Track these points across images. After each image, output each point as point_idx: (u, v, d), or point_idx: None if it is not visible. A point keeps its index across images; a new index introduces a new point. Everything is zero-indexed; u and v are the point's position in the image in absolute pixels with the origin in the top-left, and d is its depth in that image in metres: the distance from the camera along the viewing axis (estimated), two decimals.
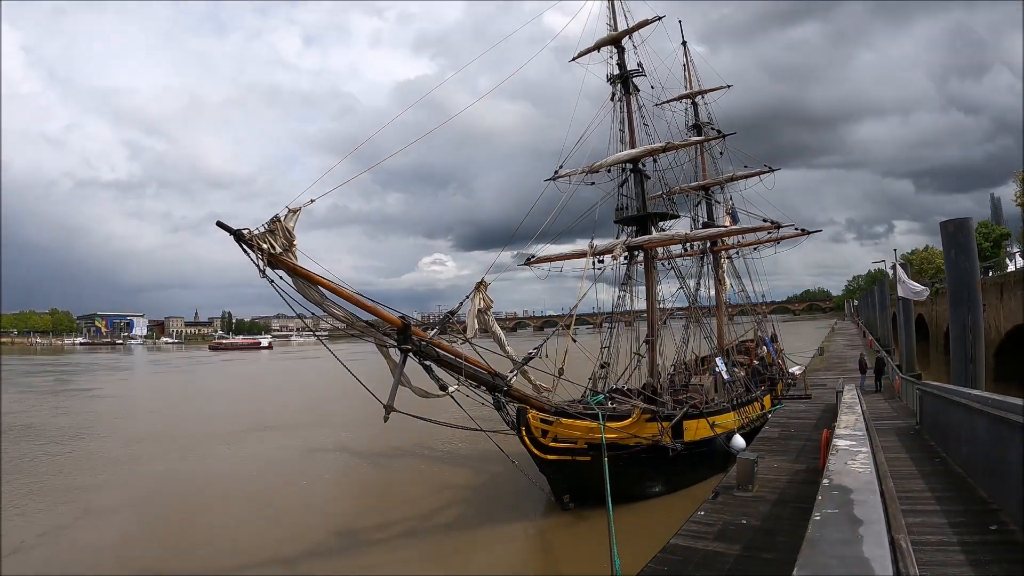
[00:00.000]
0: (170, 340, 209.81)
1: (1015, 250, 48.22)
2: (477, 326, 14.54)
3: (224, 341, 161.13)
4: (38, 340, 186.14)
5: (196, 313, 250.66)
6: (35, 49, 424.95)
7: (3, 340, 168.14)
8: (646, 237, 20.31)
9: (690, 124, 31.18)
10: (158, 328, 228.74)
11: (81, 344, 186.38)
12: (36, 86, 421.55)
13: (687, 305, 23.93)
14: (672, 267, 22.38)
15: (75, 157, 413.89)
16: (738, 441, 17.63)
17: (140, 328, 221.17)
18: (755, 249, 31.47)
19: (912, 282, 26.32)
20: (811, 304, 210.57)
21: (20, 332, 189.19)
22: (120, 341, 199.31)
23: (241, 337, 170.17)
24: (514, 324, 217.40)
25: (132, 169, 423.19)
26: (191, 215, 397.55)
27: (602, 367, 19.88)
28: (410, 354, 12.13)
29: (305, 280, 11.34)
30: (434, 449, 22.34)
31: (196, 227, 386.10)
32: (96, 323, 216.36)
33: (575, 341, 17.05)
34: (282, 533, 14.90)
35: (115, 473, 21.19)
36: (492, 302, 14.89)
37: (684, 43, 32.28)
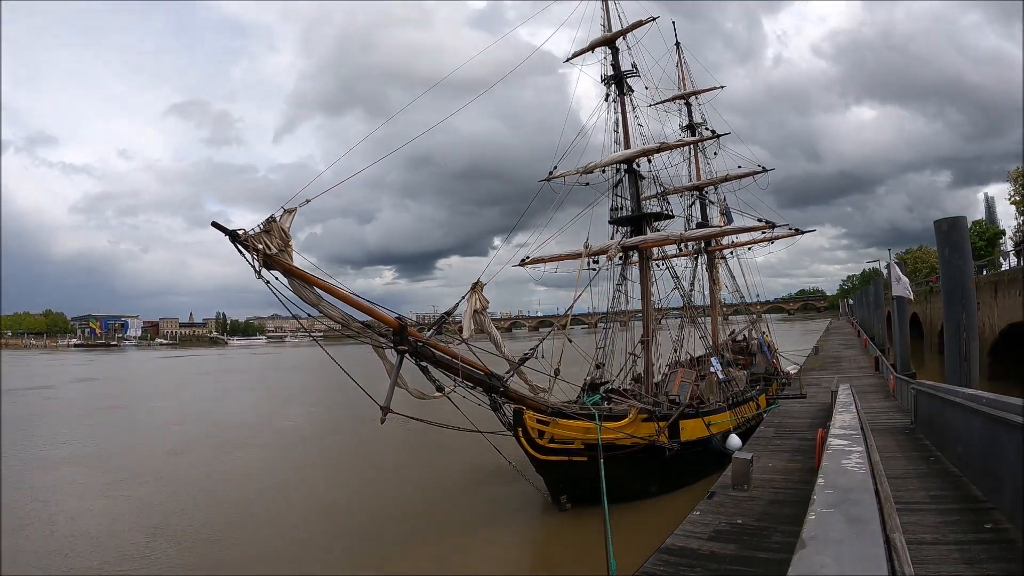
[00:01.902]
0: (164, 341, 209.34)
1: (1009, 248, 48.42)
2: (473, 327, 14.55)
3: None
4: (32, 341, 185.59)
5: (191, 314, 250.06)
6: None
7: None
8: (641, 237, 20.32)
9: (684, 124, 31.29)
10: (152, 329, 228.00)
11: (75, 345, 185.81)
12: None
13: (682, 305, 23.94)
14: (667, 267, 22.40)
15: (71, 199, 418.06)
16: (734, 441, 17.66)
17: (135, 329, 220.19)
18: (749, 249, 31.62)
19: (905, 279, 26.39)
20: (806, 303, 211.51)
21: (15, 333, 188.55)
22: (114, 342, 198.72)
23: None
24: (510, 324, 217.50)
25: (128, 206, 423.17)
26: (189, 235, 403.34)
27: (598, 367, 19.89)
28: (406, 355, 12.13)
29: (301, 281, 11.33)
30: (430, 449, 22.33)
31: (192, 244, 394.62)
32: (91, 324, 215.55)
33: (571, 341, 17.08)
34: (276, 532, 14.88)
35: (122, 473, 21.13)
36: (488, 303, 14.91)
37: (677, 44, 32.37)
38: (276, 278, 11.20)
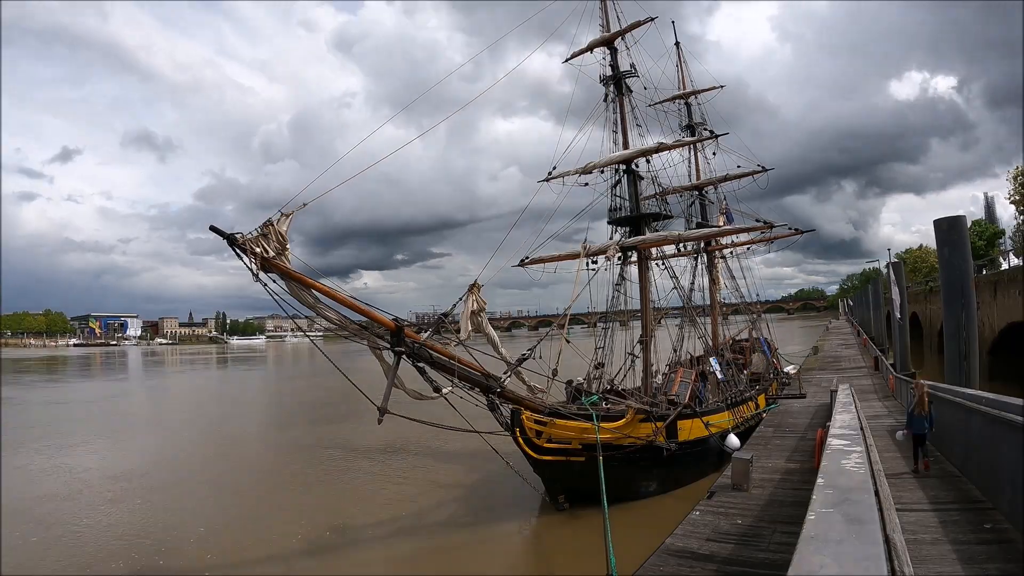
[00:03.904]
0: (164, 341, 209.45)
1: (1008, 248, 48.41)
2: (471, 328, 14.51)
3: None
4: (32, 341, 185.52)
5: (190, 314, 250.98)
6: None
7: None
8: (640, 238, 20.28)
9: (683, 124, 31.22)
10: (152, 329, 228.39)
11: (75, 345, 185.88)
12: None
13: (681, 305, 23.91)
14: (666, 267, 22.35)
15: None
16: (733, 441, 17.63)
17: (134, 329, 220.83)
18: (748, 249, 31.59)
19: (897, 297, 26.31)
20: (805, 303, 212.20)
21: (14, 333, 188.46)
22: (114, 342, 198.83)
23: None
24: (508, 324, 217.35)
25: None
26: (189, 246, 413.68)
27: (597, 367, 19.86)
28: (404, 356, 12.09)
29: (299, 283, 11.30)
30: (428, 449, 22.32)
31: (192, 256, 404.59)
32: (90, 324, 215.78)
33: (569, 342, 17.03)
34: (274, 531, 14.83)
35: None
36: (486, 304, 14.87)
37: (677, 44, 32.36)
38: (274, 280, 11.18)
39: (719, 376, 21.32)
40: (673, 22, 33.08)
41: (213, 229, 10.79)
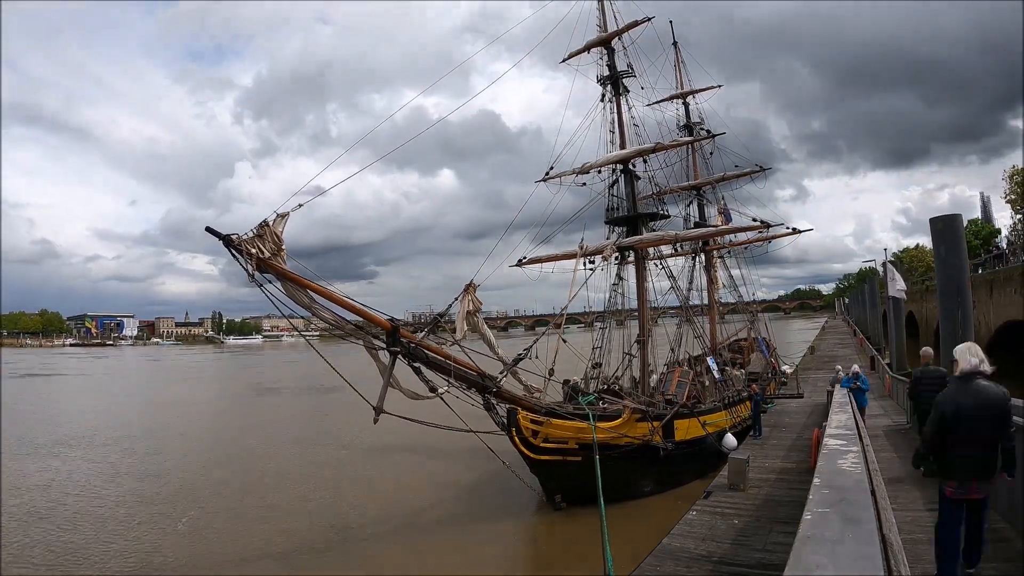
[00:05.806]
0: (160, 341, 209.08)
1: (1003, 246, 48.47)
2: (466, 328, 14.53)
3: None
4: (28, 341, 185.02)
5: (187, 313, 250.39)
6: None
7: None
8: (637, 237, 20.28)
9: (681, 124, 31.23)
10: (148, 328, 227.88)
11: (71, 345, 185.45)
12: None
13: (679, 304, 23.91)
14: (663, 267, 22.37)
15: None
16: (729, 440, 17.62)
17: (130, 329, 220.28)
18: (746, 248, 31.62)
19: (899, 278, 26.18)
20: (802, 303, 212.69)
21: (10, 333, 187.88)
22: (111, 342, 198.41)
23: None
24: (505, 323, 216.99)
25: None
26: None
27: (594, 367, 19.86)
28: (399, 356, 12.10)
29: (294, 284, 11.33)
30: (423, 449, 22.26)
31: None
32: (86, 324, 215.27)
33: (565, 341, 17.03)
34: (271, 529, 14.83)
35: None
36: (481, 304, 14.89)
37: (675, 43, 32.36)
38: (269, 281, 11.22)
39: (716, 376, 21.33)
40: (671, 22, 33.09)
41: (209, 230, 10.84)
